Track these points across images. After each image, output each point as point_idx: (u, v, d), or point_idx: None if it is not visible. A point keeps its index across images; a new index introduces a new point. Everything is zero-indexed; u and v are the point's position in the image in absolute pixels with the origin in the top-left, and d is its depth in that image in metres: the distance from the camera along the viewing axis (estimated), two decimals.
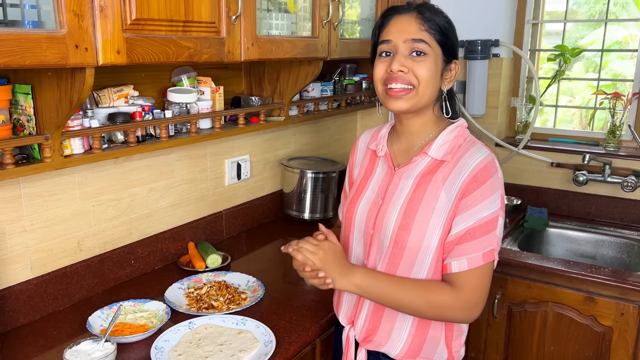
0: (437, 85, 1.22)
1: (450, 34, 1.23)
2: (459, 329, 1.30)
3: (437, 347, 1.26)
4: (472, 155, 1.19)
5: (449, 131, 1.24)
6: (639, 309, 1.77)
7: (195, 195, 1.93)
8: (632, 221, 2.34)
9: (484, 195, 1.16)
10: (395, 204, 1.23)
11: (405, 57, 1.19)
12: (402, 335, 1.26)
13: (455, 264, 1.17)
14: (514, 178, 2.58)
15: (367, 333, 1.30)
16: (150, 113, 1.56)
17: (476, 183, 1.16)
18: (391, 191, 1.25)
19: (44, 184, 1.45)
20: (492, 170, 1.18)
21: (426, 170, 1.22)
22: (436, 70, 1.20)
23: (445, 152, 1.22)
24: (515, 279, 1.97)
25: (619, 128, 2.37)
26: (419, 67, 1.18)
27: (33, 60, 1.03)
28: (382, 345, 1.28)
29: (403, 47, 1.19)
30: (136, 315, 1.45)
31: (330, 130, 2.61)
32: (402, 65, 1.18)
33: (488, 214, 1.16)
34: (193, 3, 1.34)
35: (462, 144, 1.23)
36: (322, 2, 1.83)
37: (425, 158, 1.23)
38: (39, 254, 1.47)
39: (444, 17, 1.23)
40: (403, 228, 1.20)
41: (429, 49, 1.18)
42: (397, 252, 1.21)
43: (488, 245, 1.16)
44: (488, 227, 1.16)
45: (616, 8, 2.52)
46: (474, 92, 2.50)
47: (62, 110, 1.23)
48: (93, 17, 1.12)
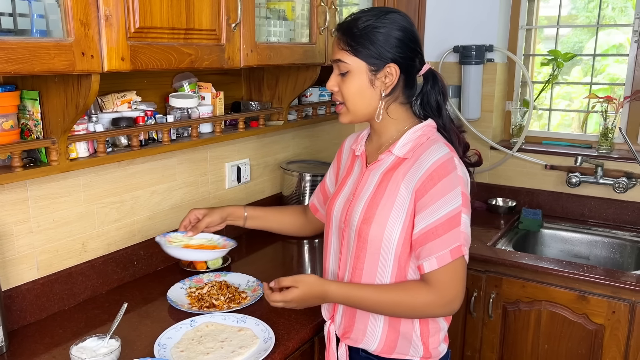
0: (369, 96, 1.27)
1: (375, 43, 1.21)
2: (436, 326, 1.32)
3: (411, 343, 1.30)
4: (430, 154, 1.22)
5: (414, 131, 1.29)
6: (630, 307, 1.82)
7: (197, 198, 1.98)
8: (625, 222, 2.38)
9: (441, 193, 1.19)
10: (361, 199, 1.29)
11: (336, 75, 1.29)
12: (376, 332, 1.31)
13: (427, 264, 1.21)
14: (509, 180, 2.62)
15: (345, 330, 1.36)
16: (152, 118, 1.61)
17: (432, 181, 1.19)
18: (360, 187, 1.32)
19: (50, 186, 1.49)
20: (449, 168, 1.20)
21: (389, 167, 1.28)
22: (361, 84, 1.25)
23: (407, 150, 1.27)
24: (510, 278, 2.01)
25: (611, 131, 2.42)
26: (343, 86, 1.28)
27: (42, 67, 1.08)
28: (360, 341, 1.33)
29: (334, 66, 1.29)
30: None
31: (329, 134, 2.66)
32: (333, 85, 1.30)
33: (449, 211, 1.18)
34: (194, 12, 1.39)
35: (424, 142, 1.26)
36: (320, 9, 1.88)
37: (389, 156, 1.29)
38: (45, 254, 1.51)
39: (368, 29, 1.21)
40: (365, 221, 1.26)
41: (349, 66, 1.25)
42: (361, 245, 1.27)
43: (454, 241, 1.19)
44: (450, 224, 1.19)
45: (615, 13, 2.57)
46: (469, 96, 2.55)
47: (68, 115, 1.28)
48: (99, 26, 1.17)
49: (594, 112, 2.55)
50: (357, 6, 2.27)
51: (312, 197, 1.62)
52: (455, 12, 2.56)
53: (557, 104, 2.76)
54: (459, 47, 2.53)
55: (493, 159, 2.61)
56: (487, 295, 2.04)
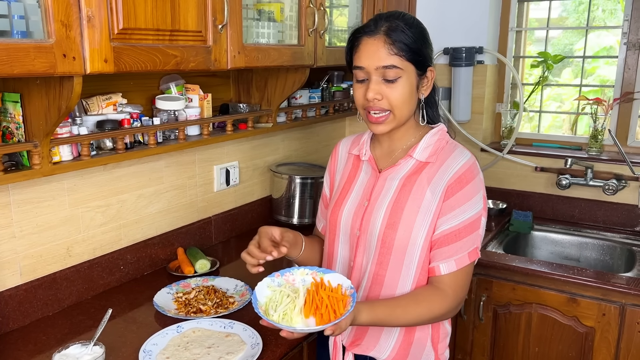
0: (414, 101, 1.25)
1: (422, 47, 1.22)
2: (445, 331, 1.33)
3: (424, 349, 1.29)
4: (456, 158, 1.24)
5: (432, 135, 1.29)
6: (620, 310, 1.81)
7: (184, 201, 1.96)
8: (614, 224, 2.38)
9: (467, 197, 1.20)
10: (381, 205, 1.26)
11: (378, 83, 1.21)
12: (390, 339, 1.29)
13: (444, 266, 1.21)
14: (500, 182, 2.62)
15: (355, 338, 1.32)
16: (138, 120, 1.59)
17: (460, 184, 1.20)
18: (377, 193, 1.29)
19: (33, 190, 1.47)
20: (474, 172, 1.23)
21: (411, 172, 1.26)
22: (411, 89, 1.22)
23: (429, 154, 1.26)
24: (501, 281, 2.00)
25: (600, 133, 2.42)
26: (392, 93, 1.20)
27: (22, 69, 1.05)
28: (371, 349, 1.30)
29: (375, 74, 1.20)
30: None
31: (319, 136, 2.64)
32: (376, 94, 1.21)
33: (471, 215, 1.21)
34: (180, 12, 1.37)
35: (444, 146, 1.27)
36: (308, 11, 1.87)
37: (410, 160, 1.27)
38: (28, 260, 1.48)
39: (413, 32, 1.20)
40: (390, 227, 1.24)
41: (401, 72, 1.20)
42: (385, 251, 1.25)
43: (472, 244, 1.22)
44: (472, 227, 1.21)
45: (604, 15, 2.58)
46: (459, 98, 2.54)
47: (50, 118, 1.26)
48: (81, 27, 1.15)
49: (583, 114, 2.55)
50: (347, 8, 2.26)
51: (319, 220, 1.49)
52: (445, 14, 2.56)
53: (548, 106, 2.77)
54: (449, 49, 2.53)
55: (483, 161, 2.60)
56: (478, 298, 2.04)
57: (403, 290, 1.25)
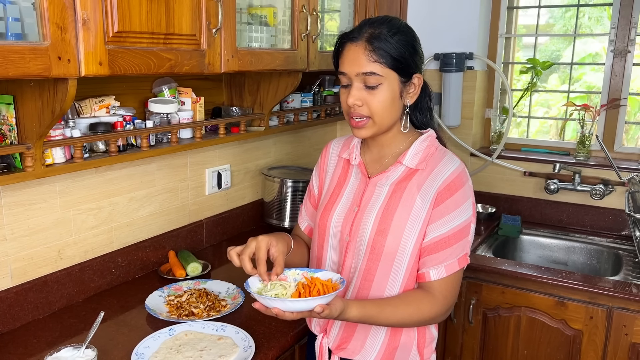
0: (396, 107, 1.24)
1: (405, 54, 1.20)
2: (430, 336, 1.34)
3: (410, 354, 1.30)
4: (445, 165, 1.25)
5: (421, 141, 1.29)
6: (607, 313, 1.84)
7: (176, 204, 1.96)
8: (602, 228, 2.42)
9: (457, 204, 1.21)
10: (371, 211, 1.27)
11: (360, 89, 1.21)
12: (376, 343, 1.29)
13: (434, 273, 1.22)
14: (489, 187, 2.65)
15: (341, 341, 1.33)
16: (131, 123, 1.59)
17: (449, 192, 1.21)
18: (366, 199, 1.29)
19: (25, 193, 1.46)
20: (464, 179, 1.24)
21: (401, 178, 1.27)
22: (392, 96, 1.22)
23: (419, 161, 1.27)
24: (490, 284, 2.02)
25: (588, 138, 2.46)
26: (372, 100, 1.20)
27: (16, 71, 1.05)
28: (356, 353, 1.31)
29: (357, 80, 1.20)
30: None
31: (310, 140, 2.65)
32: (357, 100, 1.21)
33: (461, 222, 1.22)
34: (174, 16, 1.38)
35: (434, 152, 1.28)
36: (301, 16, 1.88)
37: (399, 167, 1.28)
38: (19, 262, 1.47)
39: (397, 39, 1.19)
40: (380, 233, 1.24)
41: (381, 79, 1.19)
42: (374, 257, 1.25)
43: (462, 250, 1.23)
44: (462, 234, 1.22)
45: (591, 22, 2.62)
46: (449, 103, 2.57)
47: (44, 120, 1.26)
48: (76, 30, 1.15)
49: (571, 119, 2.59)
50: (338, 13, 2.28)
51: (303, 219, 1.48)
52: (435, 20, 2.59)
53: (536, 112, 2.80)
54: (440, 54, 2.55)
55: (473, 165, 2.63)
56: (467, 302, 2.06)
57: (390, 295, 1.26)
